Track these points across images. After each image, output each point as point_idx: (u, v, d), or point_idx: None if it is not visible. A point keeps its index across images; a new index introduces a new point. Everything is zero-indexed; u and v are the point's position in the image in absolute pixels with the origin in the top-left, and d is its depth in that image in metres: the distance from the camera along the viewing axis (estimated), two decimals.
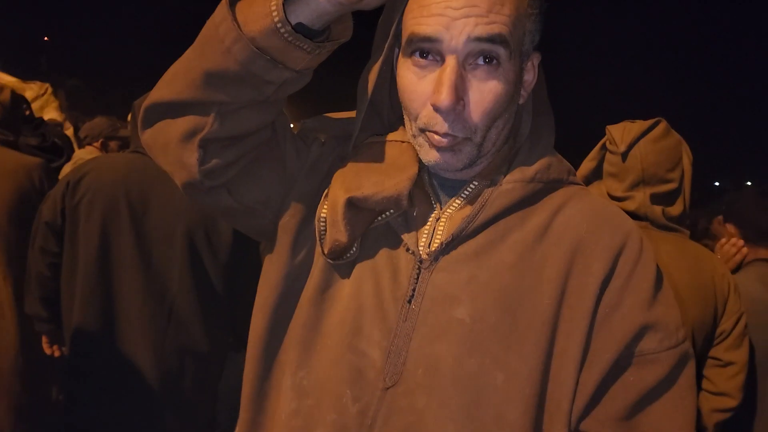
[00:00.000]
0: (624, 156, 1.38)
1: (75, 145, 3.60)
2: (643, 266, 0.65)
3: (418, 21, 0.62)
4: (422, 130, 0.65)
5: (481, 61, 0.62)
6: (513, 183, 0.67)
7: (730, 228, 1.74)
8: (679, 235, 1.38)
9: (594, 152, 1.47)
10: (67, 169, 3.10)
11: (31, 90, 3.68)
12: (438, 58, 0.63)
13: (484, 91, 0.63)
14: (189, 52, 0.67)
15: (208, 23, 0.65)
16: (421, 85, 0.64)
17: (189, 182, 0.68)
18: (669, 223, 1.35)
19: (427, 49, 0.63)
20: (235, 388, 1.89)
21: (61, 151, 2.78)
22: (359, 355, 0.65)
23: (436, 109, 0.62)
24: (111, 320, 1.55)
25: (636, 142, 1.37)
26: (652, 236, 1.32)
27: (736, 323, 1.37)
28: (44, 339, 1.78)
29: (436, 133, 0.64)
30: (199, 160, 0.65)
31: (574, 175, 0.73)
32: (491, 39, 0.61)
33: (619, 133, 1.40)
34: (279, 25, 0.60)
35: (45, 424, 1.88)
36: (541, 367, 0.61)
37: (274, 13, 0.60)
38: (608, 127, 1.44)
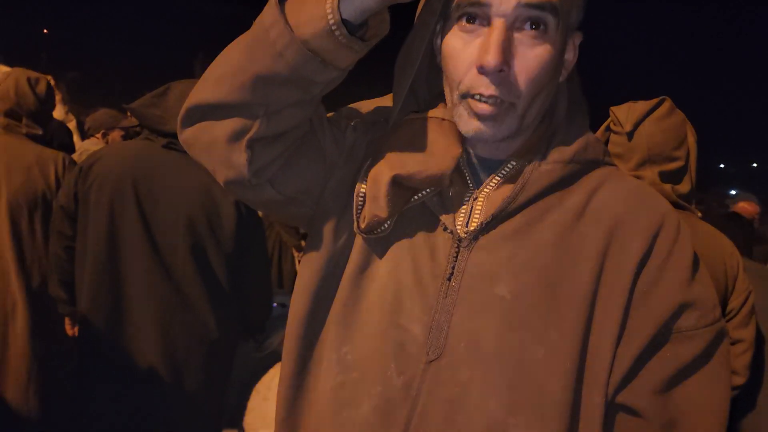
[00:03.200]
0: (630, 135, 1.36)
1: (77, 137, 3.62)
2: (681, 246, 0.65)
3: None
4: (464, 96, 0.65)
5: (528, 26, 0.62)
6: (552, 164, 0.67)
7: None
8: (689, 214, 1.37)
9: (598, 134, 1.47)
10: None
11: None
12: (485, 22, 0.63)
13: (530, 57, 0.63)
14: (235, 54, 0.66)
15: (257, 26, 0.64)
16: (466, 50, 0.64)
17: (235, 180, 0.69)
18: (679, 201, 1.35)
19: (475, 14, 0.63)
20: (240, 378, 1.90)
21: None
22: (401, 330, 0.66)
23: (482, 70, 0.62)
24: (119, 304, 1.57)
25: (641, 121, 1.36)
26: None
27: (745, 301, 1.37)
28: (66, 321, 1.83)
29: (480, 95, 0.63)
30: (248, 160, 0.66)
31: (609, 155, 0.73)
32: (541, 6, 0.61)
33: (624, 113, 1.39)
34: (334, 27, 0.60)
35: (57, 408, 1.91)
36: (580, 342, 0.62)
37: (330, 16, 0.60)
38: (612, 108, 1.43)
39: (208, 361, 1.63)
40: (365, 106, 0.80)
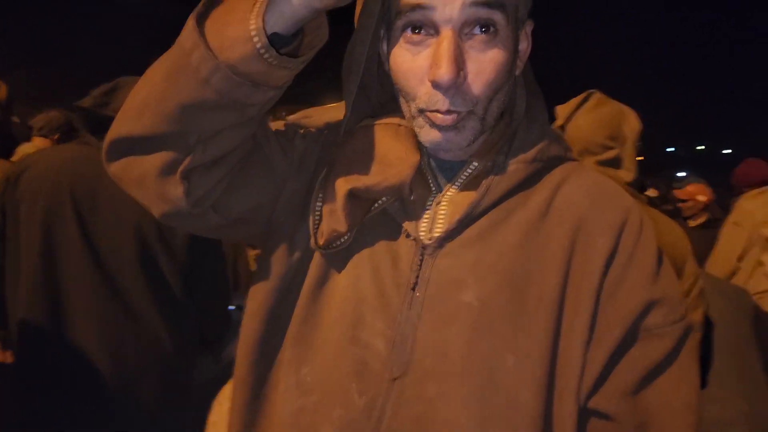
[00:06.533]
0: (562, 129, 1.41)
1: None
2: (645, 242, 0.64)
3: None
4: (422, 111, 0.62)
5: (477, 30, 0.60)
6: (516, 164, 0.66)
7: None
8: (636, 201, 1.41)
9: None
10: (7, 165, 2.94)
11: None
12: (432, 31, 0.60)
13: (484, 62, 0.60)
14: (155, 80, 0.60)
15: (176, 50, 0.58)
16: (416, 62, 0.61)
17: (174, 213, 0.64)
18: (626, 187, 1.37)
19: (420, 21, 0.60)
20: (198, 392, 1.83)
21: None
22: (362, 346, 0.63)
23: (436, 85, 0.59)
24: (60, 323, 1.46)
25: (572, 115, 1.40)
26: None
27: (693, 285, 1.41)
28: None
29: (438, 111, 0.61)
30: (186, 192, 0.61)
31: (571, 151, 0.72)
32: (488, 3, 0.59)
33: (560, 109, 1.44)
34: (262, 51, 0.56)
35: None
36: (550, 347, 0.60)
37: (255, 39, 0.55)
38: (556, 107, 1.47)
39: (164, 377, 1.54)
40: (315, 113, 0.76)
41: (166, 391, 1.55)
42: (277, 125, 0.74)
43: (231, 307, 1.83)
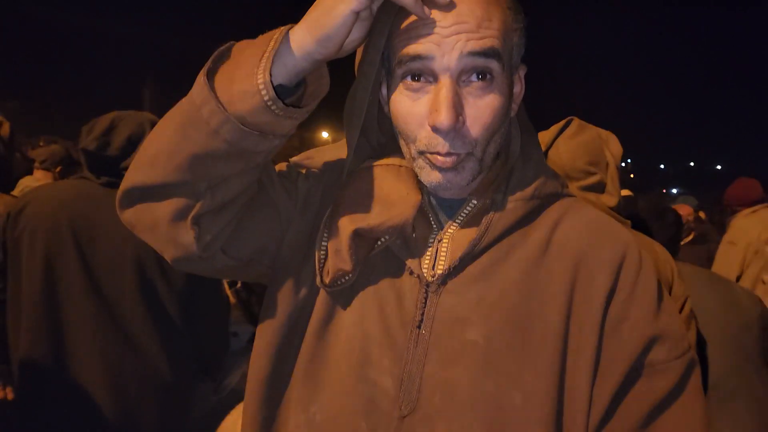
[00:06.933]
0: (544, 156, 1.43)
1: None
2: (645, 277, 0.65)
3: (407, 42, 0.62)
4: (422, 153, 0.65)
5: (474, 77, 0.62)
6: (514, 202, 0.67)
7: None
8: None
9: None
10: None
11: None
12: (431, 78, 0.62)
13: (481, 107, 0.63)
14: (167, 132, 0.64)
15: (186, 104, 0.62)
16: (416, 108, 0.63)
17: (185, 258, 0.67)
18: (609, 211, 1.39)
19: (419, 70, 0.62)
20: (199, 422, 1.83)
21: None
22: (370, 384, 0.64)
23: (436, 130, 0.61)
24: (62, 354, 1.47)
25: (553, 143, 1.42)
26: None
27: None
28: None
29: (438, 154, 0.63)
30: (196, 236, 0.65)
31: (567, 186, 0.74)
32: (484, 53, 0.61)
33: (541, 136, 1.45)
34: (270, 103, 0.59)
35: None
36: (557, 384, 0.61)
37: (264, 92, 0.59)
38: (539, 133, 1.50)
39: (163, 406, 1.55)
40: (316, 154, 0.79)
41: (166, 421, 1.56)
42: (279, 167, 0.77)
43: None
